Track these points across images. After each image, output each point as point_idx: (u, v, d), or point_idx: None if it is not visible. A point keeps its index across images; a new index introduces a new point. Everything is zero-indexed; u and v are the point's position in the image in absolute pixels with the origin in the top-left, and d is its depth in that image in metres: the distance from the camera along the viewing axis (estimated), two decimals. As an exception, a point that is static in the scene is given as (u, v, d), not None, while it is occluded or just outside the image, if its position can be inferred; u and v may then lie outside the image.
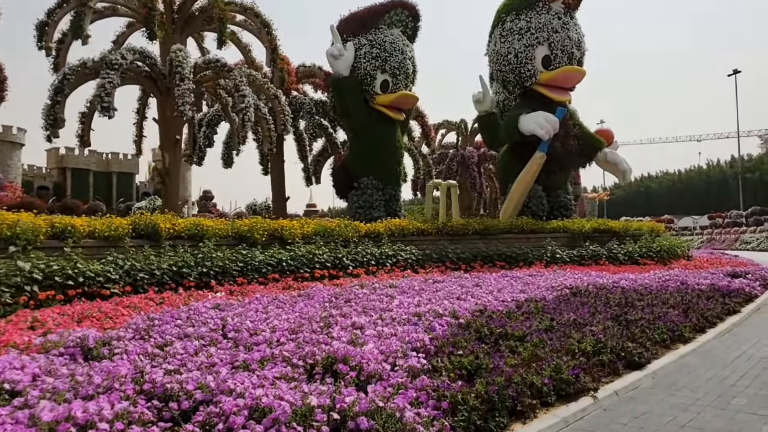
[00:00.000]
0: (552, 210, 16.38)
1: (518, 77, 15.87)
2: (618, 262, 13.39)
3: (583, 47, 16.12)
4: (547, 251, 13.12)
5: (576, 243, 13.91)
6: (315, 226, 11.16)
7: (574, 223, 14.20)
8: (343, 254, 10.73)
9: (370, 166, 16.56)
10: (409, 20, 17.48)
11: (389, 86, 16.52)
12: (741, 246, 41.23)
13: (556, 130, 14.77)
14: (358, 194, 16.63)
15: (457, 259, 12.28)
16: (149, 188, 50.60)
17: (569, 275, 10.12)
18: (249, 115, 11.88)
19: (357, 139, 17.31)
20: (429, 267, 11.68)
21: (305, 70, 18.87)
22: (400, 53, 16.54)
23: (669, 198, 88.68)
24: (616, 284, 8.55)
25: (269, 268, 9.46)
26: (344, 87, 16.43)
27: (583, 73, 15.71)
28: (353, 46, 16.50)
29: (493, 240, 13.39)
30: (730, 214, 56.66)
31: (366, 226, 11.96)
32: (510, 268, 12.39)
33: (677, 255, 14.81)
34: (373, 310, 5.95)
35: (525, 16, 15.62)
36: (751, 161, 78.49)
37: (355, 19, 16.92)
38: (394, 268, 11.25)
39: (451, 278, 9.59)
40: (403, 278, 9.77)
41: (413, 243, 12.50)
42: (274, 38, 13.38)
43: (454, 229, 12.95)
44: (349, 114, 16.85)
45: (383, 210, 16.53)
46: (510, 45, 15.76)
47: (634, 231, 15.03)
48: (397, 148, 17.16)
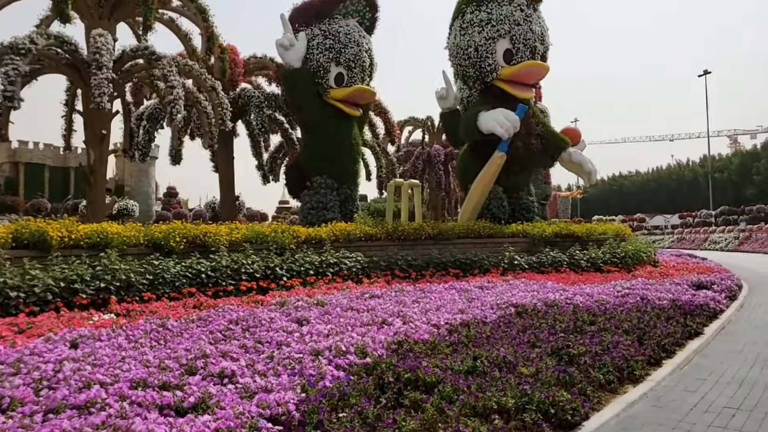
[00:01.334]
0: (514, 212, 15.55)
1: (479, 72, 14.97)
2: (580, 269, 12.60)
3: (547, 41, 15.30)
4: (504, 258, 12.26)
5: (536, 248, 13.09)
6: (246, 232, 10.09)
7: (534, 227, 13.36)
8: (277, 263, 9.69)
9: (324, 164, 15.53)
10: (367, 11, 16.45)
11: (344, 80, 15.50)
12: (710, 246, 41.27)
13: (516, 129, 13.92)
14: (311, 194, 15.60)
15: (407, 266, 11.34)
16: (110, 185, 48.73)
17: (522, 287, 9.25)
18: (178, 107, 10.76)
19: (310, 136, 16.25)
20: (375, 276, 10.71)
21: (257, 62, 17.75)
22: (355, 45, 15.51)
23: (641, 196, 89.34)
24: (569, 301, 7.69)
25: (184, 281, 8.38)
26: (295, 80, 15.35)
27: (546, 69, 14.89)
28: (305, 37, 15.42)
29: (449, 245, 12.48)
30: (700, 213, 57.07)
31: (306, 231, 10.93)
32: (464, 276, 11.52)
33: (643, 260, 14.11)
34: (269, 344, 4.96)
35: (486, 8, 14.72)
36: (721, 161, 79.39)
37: (308, 8, 15.82)
38: (336, 278, 10.25)
39: (392, 291, 8.62)
40: (339, 292, 8.78)
41: (360, 249, 11.51)
42: (210, 25, 12.28)
43: (406, 234, 12.00)
44: (301, 108, 15.78)
45: (338, 211, 15.53)
46: (470, 38, 14.84)
47: (598, 236, 14.28)
48: (353, 145, 16.15)
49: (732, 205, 59.49)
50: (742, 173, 73.27)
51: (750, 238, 37.35)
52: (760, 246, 33.92)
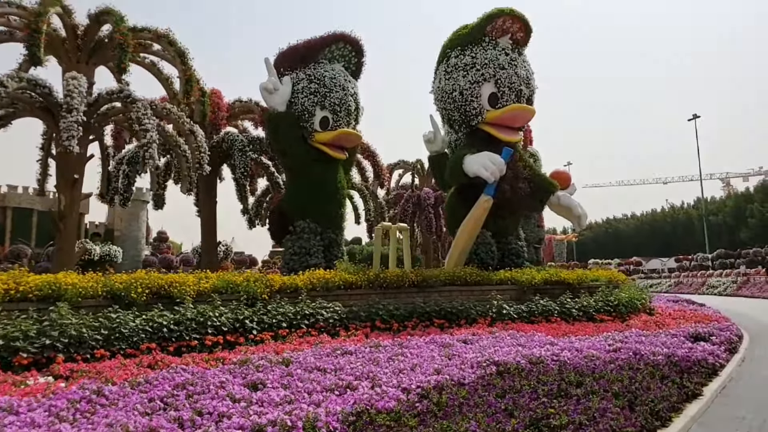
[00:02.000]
0: (503, 257, 15.07)
1: (464, 116, 14.77)
2: (572, 319, 12.01)
3: (533, 85, 15.17)
4: (492, 306, 11.68)
5: (526, 296, 12.53)
6: (216, 281, 9.54)
7: (523, 274, 12.83)
8: (247, 315, 9.10)
9: (308, 208, 15.13)
10: (353, 55, 16.43)
11: (329, 123, 15.28)
12: (708, 290, 40.60)
13: (502, 172, 13.59)
14: (293, 239, 15.13)
15: (389, 317, 10.73)
16: (100, 229, 48.21)
17: (508, 341, 8.66)
18: (151, 151, 10.40)
19: (294, 179, 15.93)
20: (354, 328, 10.09)
21: (242, 106, 17.59)
22: (341, 89, 15.37)
23: (637, 239, 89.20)
24: (556, 357, 7.10)
25: (144, 336, 7.77)
26: (280, 123, 15.12)
27: (532, 112, 14.69)
28: (290, 81, 15.29)
29: (434, 293, 11.92)
30: (696, 256, 56.68)
31: (281, 280, 10.38)
32: (449, 327, 10.91)
33: (637, 308, 13.53)
34: (209, 416, 4.37)
35: (470, 52, 14.64)
36: (715, 204, 79.59)
37: (293, 53, 15.75)
38: (311, 331, 9.64)
39: (366, 347, 8.02)
40: (311, 347, 8.19)
41: (339, 298, 10.94)
42: (188, 68, 12.08)
43: (388, 282, 11.45)
44: (285, 152, 15.48)
45: (322, 257, 15.04)
46: (455, 82, 14.70)
47: (590, 282, 13.74)
48: (338, 188, 15.79)
49: (727, 247, 59.22)
50: (736, 216, 73.37)
51: (748, 282, 36.78)
52: (759, 290, 33.32)
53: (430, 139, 16.99)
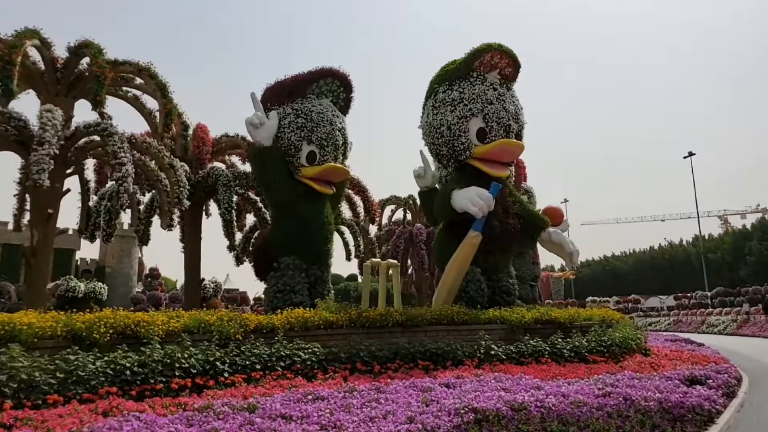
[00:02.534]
0: (493, 295, 14.63)
1: (452, 151, 14.59)
2: (563, 360, 11.50)
3: (522, 120, 15.06)
4: (480, 347, 11.19)
5: (515, 336, 12.05)
6: (187, 321, 9.10)
7: (512, 312, 12.39)
8: (218, 357, 8.63)
9: (293, 244, 14.78)
10: (341, 90, 16.38)
11: (316, 158, 15.10)
12: (708, 329, 39.93)
13: (490, 208, 13.32)
14: (277, 276, 14.72)
15: (370, 358, 10.22)
16: (90, 266, 47.64)
17: (492, 385, 8.17)
18: (126, 185, 10.12)
19: (279, 214, 15.62)
20: (333, 370, 9.59)
21: (229, 140, 17.46)
22: (328, 124, 15.24)
23: (635, 277, 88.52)
24: (540, 404, 6.63)
25: (104, 380, 7.30)
26: (266, 158, 14.93)
27: (521, 147, 14.53)
28: (277, 115, 15.18)
29: (419, 333, 11.45)
30: (695, 294, 56.05)
31: (257, 319, 9.93)
32: (435, 369, 10.41)
33: (632, 349, 13.02)
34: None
35: (458, 87, 14.57)
36: (713, 241, 79.37)
37: (280, 87, 15.71)
38: (287, 374, 9.14)
39: (341, 391, 7.54)
40: (284, 391, 7.72)
41: (319, 339, 10.47)
42: (169, 101, 11.93)
43: (371, 321, 11.00)
44: (270, 187, 15.22)
45: (307, 294, 14.60)
46: (442, 117, 14.59)
47: (583, 322, 13.27)
48: (325, 224, 15.46)
49: (727, 285, 58.65)
50: (735, 253, 73.02)
51: (748, 321, 36.16)
52: (760, 330, 32.70)
53: (420, 174, 16.82)
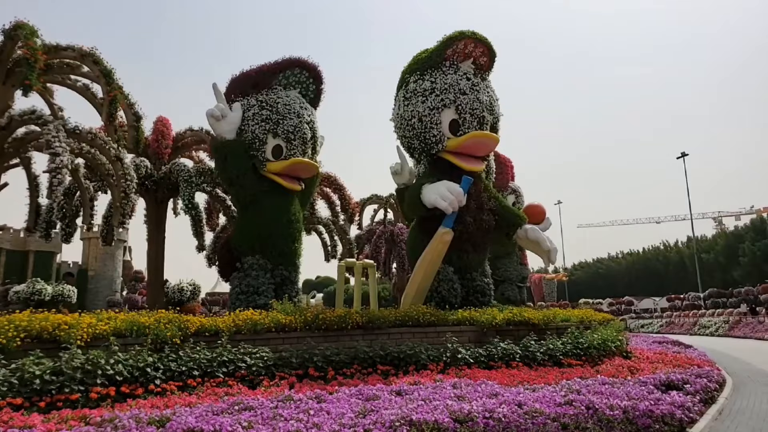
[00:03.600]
0: (467, 295, 13.90)
1: (424, 144, 13.88)
2: (535, 363, 10.77)
3: (497, 111, 14.36)
4: (447, 350, 10.46)
5: (485, 338, 11.31)
6: (119, 323, 8.34)
7: (483, 313, 11.64)
8: (150, 363, 7.87)
9: (257, 243, 14.05)
10: (310, 82, 15.67)
11: (283, 152, 14.36)
12: (700, 331, 39.31)
13: (461, 203, 12.61)
14: (240, 277, 13.99)
15: (325, 363, 9.45)
16: (73, 269, 46.71)
17: (449, 392, 7.44)
18: (60, 177, 9.34)
19: (243, 212, 14.90)
20: (282, 376, 8.83)
21: (194, 134, 16.67)
22: (295, 116, 14.51)
23: (629, 279, 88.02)
24: (490, 414, 5.90)
25: (6, 390, 6.53)
26: (228, 152, 14.18)
27: (495, 140, 13.82)
28: (241, 107, 14.45)
29: (381, 336, 10.70)
30: (688, 296, 55.48)
31: (199, 322, 9.16)
32: (396, 373, 9.69)
33: (611, 351, 12.31)
34: None
35: (429, 77, 13.87)
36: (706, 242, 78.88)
37: (245, 78, 14.98)
38: (229, 380, 8.38)
39: (274, 401, 6.79)
40: (217, 401, 6.98)
41: (270, 342, 9.71)
42: (114, 89, 11.15)
43: (329, 323, 10.24)
44: (233, 182, 14.44)
45: (272, 296, 13.85)
46: (414, 108, 13.87)
47: (559, 323, 12.54)
48: (292, 222, 14.70)
49: (720, 287, 58.12)
50: (728, 255, 72.54)
51: (740, 322, 35.53)
52: (752, 331, 32.06)
53: (396, 170, 16.13)
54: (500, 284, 28.67)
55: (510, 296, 28.28)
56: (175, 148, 16.58)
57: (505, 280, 28.95)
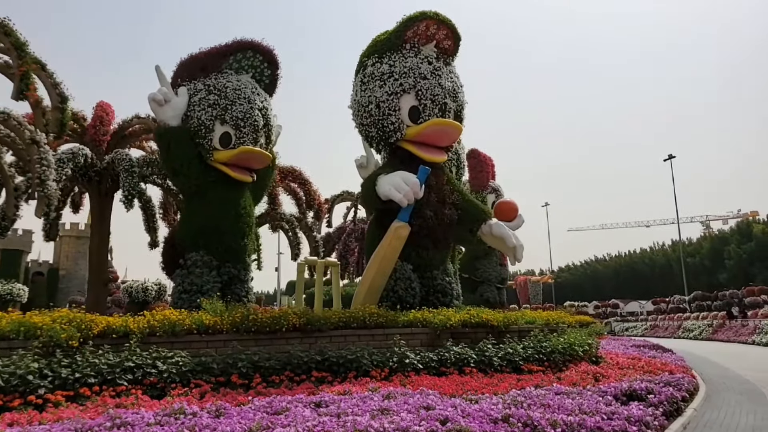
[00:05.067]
0: (427, 295, 12.92)
1: (382, 132, 12.89)
2: (492, 369, 9.83)
3: (461, 99, 13.41)
4: (394, 354, 9.47)
5: (439, 342, 10.34)
6: (6, 324, 7.29)
7: (437, 315, 10.66)
8: (34, 369, 6.81)
9: (202, 238, 13.01)
10: (265, 67, 14.63)
11: (231, 140, 13.31)
12: (684, 334, 38.63)
13: (417, 195, 11.65)
14: (183, 275, 12.92)
15: (251, 369, 8.43)
16: (43, 268, 45.29)
17: (374, 404, 6.45)
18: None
19: (188, 204, 13.86)
20: (198, 384, 7.81)
21: (140, 122, 15.58)
22: (246, 102, 13.47)
23: (616, 282, 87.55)
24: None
25: None
26: (171, 139, 13.12)
27: (458, 129, 12.86)
28: (187, 92, 13.41)
29: (322, 339, 9.70)
30: (673, 299, 54.88)
31: (105, 321, 8.12)
32: (331, 381, 8.72)
33: (578, 357, 11.38)
34: None
35: (388, 60, 12.89)
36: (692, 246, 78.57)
37: (193, 62, 13.93)
38: (134, 389, 7.35)
39: (160, 415, 5.76)
40: (98, 415, 5.96)
41: (192, 346, 8.70)
42: (26, 62, 10.05)
43: (261, 325, 9.22)
44: (177, 172, 13.37)
45: (218, 296, 12.78)
46: (371, 93, 12.89)
47: (522, 326, 11.60)
48: (242, 215, 13.66)
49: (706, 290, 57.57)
50: (713, 258, 72.21)
51: (723, 325, 34.85)
52: (735, 334, 31.34)
53: (362, 164, 15.18)
54: (479, 285, 27.84)
55: (489, 297, 27.40)
56: (122, 137, 15.50)
57: (484, 281, 28.11)
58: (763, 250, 64.39)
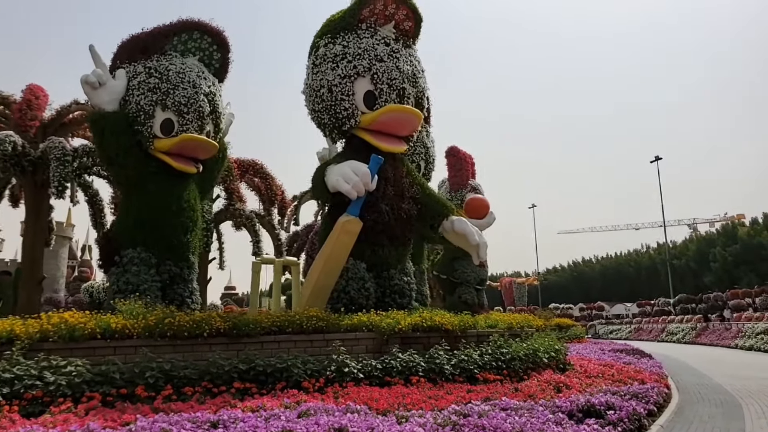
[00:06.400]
0: (383, 296, 11.89)
1: (334, 118, 11.86)
2: (443, 378, 8.85)
3: (422, 85, 12.41)
4: (333, 362, 8.45)
5: (387, 348, 9.34)
6: None
7: (384, 318, 9.64)
8: None
9: (140, 233, 11.88)
10: (214, 50, 13.53)
11: (174, 128, 12.22)
12: (667, 337, 38.00)
13: (369, 186, 10.64)
14: (119, 273, 11.78)
15: (162, 380, 7.38)
16: (11, 267, 43.79)
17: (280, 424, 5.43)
18: None
19: (126, 196, 12.73)
20: (92, 397, 6.75)
21: (80, 108, 14.46)
22: (190, 86, 12.37)
23: (602, 284, 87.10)
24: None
25: None
26: (106, 125, 11.96)
27: (416, 116, 11.85)
28: (125, 75, 12.30)
29: (252, 345, 8.66)
30: (658, 301, 54.29)
31: (-17, 325, 7.04)
32: (258, 393, 7.70)
33: (542, 364, 10.43)
34: None
35: (342, 40, 11.88)
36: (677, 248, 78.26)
37: (134, 42, 12.78)
38: (8, 406, 6.27)
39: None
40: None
41: (96, 353, 7.65)
42: None
43: (178, 330, 8.16)
44: (113, 161, 12.24)
45: (158, 296, 11.74)
46: (323, 76, 11.86)
47: (481, 330, 10.62)
48: (184, 210, 12.53)
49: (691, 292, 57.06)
50: (699, 260, 71.87)
51: (707, 329, 34.19)
52: (718, 338, 30.66)
53: (324, 156, 14.21)
54: (458, 287, 26.88)
55: (468, 299, 26.45)
56: (61, 124, 14.38)
57: (462, 282, 27.13)
58: (748, 252, 64.06)
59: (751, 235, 66.24)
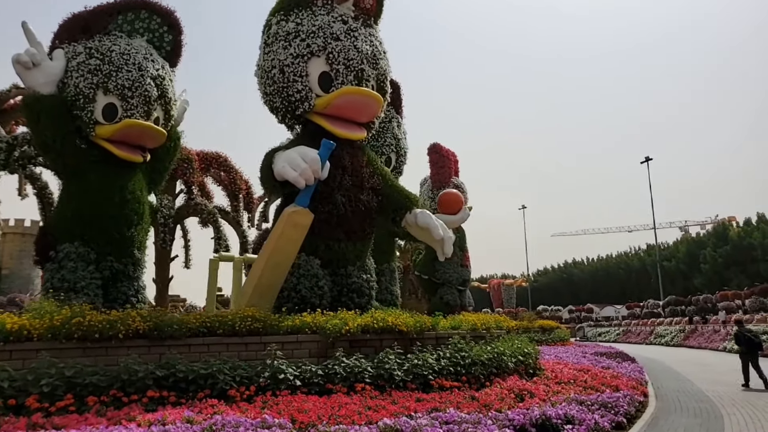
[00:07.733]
0: (339, 295, 10.95)
1: (286, 101, 10.93)
2: (393, 385, 7.95)
3: (383, 67, 11.51)
4: (266, 369, 7.53)
5: (333, 351, 8.42)
6: None
7: (331, 318, 8.71)
8: None
9: (78, 227, 10.90)
10: (164, 31, 12.53)
11: (118, 113, 11.24)
12: (656, 340, 37.25)
13: (319, 174, 9.73)
14: (54, 269, 10.78)
15: (62, 389, 6.46)
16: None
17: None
18: None
19: (65, 187, 11.72)
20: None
21: (21, 93, 13.46)
22: (135, 68, 11.39)
23: (592, 285, 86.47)
24: None
25: None
26: (41, 109, 10.99)
27: (376, 100, 10.95)
28: (64, 55, 11.32)
29: (178, 348, 7.72)
30: (647, 303, 53.63)
31: None
32: (179, 400, 6.84)
33: (508, 369, 9.55)
34: None
35: (295, 17, 10.97)
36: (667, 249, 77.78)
37: (75, 21, 11.81)
38: None
39: None
40: None
41: (-13, 357, 6.68)
42: None
43: (89, 330, 7.22)
44: (48, 148, 11.28)
45: (98, 294, 10.78)
46: (274, 56, 10.96)
47: (441, 331, 9.71)
48: (128, 202, 11.52)
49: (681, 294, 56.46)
50: (689, 262, 71.36)
51: (695, 331, 33.45)
52: (706, 341, 29.91)
53: (286, 147, 13.15)
54: (439, 287, 26.03)
55: (449, 300, 25.65)
56: (1, 111, 13.40)
57: (444, 282, 26.32)
58: (738, 253, 63.58)
59: (742, 236, 65.76)
